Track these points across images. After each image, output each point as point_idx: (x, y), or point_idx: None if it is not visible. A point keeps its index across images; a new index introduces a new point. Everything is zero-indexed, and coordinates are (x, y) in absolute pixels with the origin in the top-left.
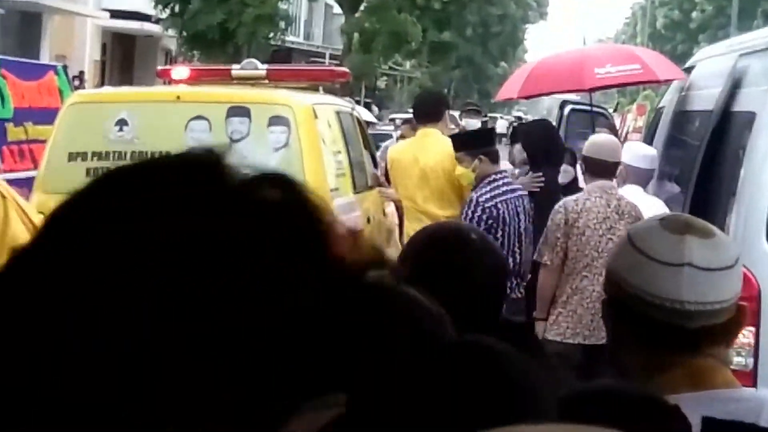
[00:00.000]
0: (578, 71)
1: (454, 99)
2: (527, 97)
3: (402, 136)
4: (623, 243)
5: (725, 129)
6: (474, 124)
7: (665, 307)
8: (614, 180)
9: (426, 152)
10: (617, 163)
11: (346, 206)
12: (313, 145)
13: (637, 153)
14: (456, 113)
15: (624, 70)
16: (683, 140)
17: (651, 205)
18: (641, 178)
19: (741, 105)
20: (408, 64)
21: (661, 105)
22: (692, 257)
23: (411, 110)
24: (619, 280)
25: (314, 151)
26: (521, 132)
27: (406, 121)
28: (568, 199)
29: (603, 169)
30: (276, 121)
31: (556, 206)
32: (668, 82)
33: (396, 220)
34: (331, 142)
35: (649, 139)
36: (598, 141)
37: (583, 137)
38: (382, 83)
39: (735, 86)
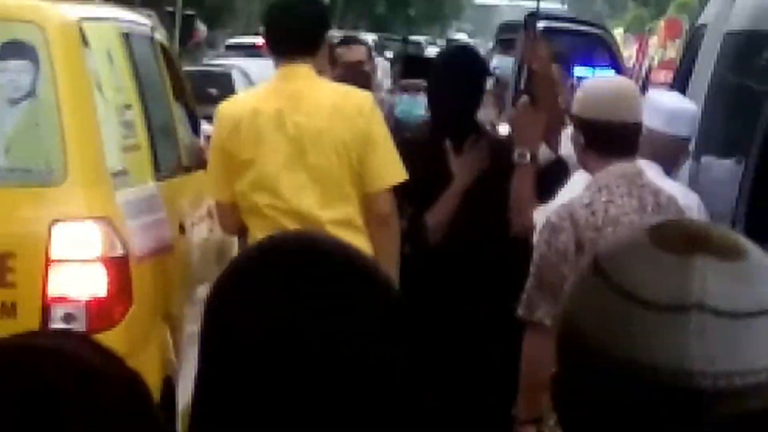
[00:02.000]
0: None
1: (343, 15)
2: None
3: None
4: (586, 274)
5: None
6: None
7: (661, 383)
8: (637, 158)
9: (300, 107)
10: (639, 126)
11: (141, 203)
12: (80, 94)
13: (659, 107)
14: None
15: None
16: (741, 85)
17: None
18: (664, 151)
19: None
20: None
21: (701, 21)
22: (705, 294)
23: (262, 31)
24: (579, 338)
25: (82, 105)
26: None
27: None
28: (573, 203)
29: (619, 139)
30: (11, 50)
31: (549, 216)
32: None
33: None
34: (113, 90)
35: (681, 82)
36: (600, 89)
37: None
38: None
39: None
